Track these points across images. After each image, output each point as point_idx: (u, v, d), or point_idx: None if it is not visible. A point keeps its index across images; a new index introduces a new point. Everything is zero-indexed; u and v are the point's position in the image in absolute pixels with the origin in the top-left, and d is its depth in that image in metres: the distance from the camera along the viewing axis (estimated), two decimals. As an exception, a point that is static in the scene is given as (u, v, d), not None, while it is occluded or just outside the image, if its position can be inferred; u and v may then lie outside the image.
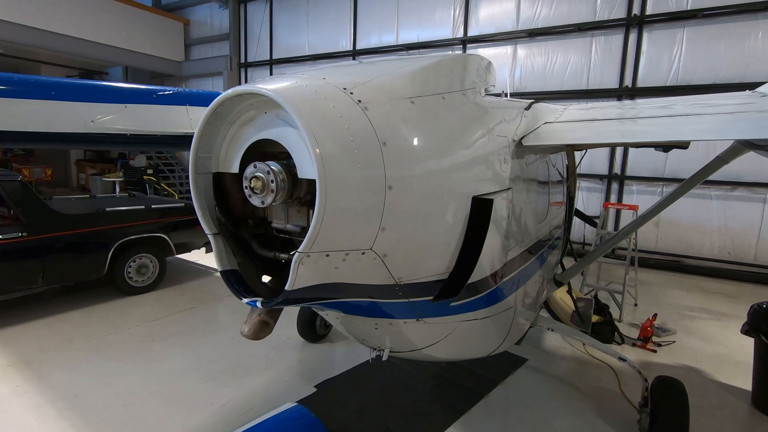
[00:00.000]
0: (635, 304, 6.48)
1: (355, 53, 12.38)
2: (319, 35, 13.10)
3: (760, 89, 2.72)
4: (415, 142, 1.70)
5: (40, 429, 3.37)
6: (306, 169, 1.57)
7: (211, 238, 1.87)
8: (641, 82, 8.86)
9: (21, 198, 5.12)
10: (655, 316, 5.34)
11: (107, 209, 5.97)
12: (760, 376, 3.99)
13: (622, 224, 9.33)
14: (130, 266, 6.18)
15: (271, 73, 14.29)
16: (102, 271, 5.86)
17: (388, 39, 11.83)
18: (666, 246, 8.88)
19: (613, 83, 9.14)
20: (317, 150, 1.43)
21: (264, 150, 1.82)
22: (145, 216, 6.30)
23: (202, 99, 3.88)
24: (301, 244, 1.52)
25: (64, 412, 3.56)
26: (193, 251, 7.18)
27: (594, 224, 6.81)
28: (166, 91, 3.59)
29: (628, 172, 9.21)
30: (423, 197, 1.74)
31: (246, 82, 14.83)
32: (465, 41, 10.67)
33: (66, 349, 4.63)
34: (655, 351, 5.04)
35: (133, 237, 6.08)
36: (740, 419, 3.88)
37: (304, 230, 1.82)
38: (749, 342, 4.14)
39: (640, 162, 9.09)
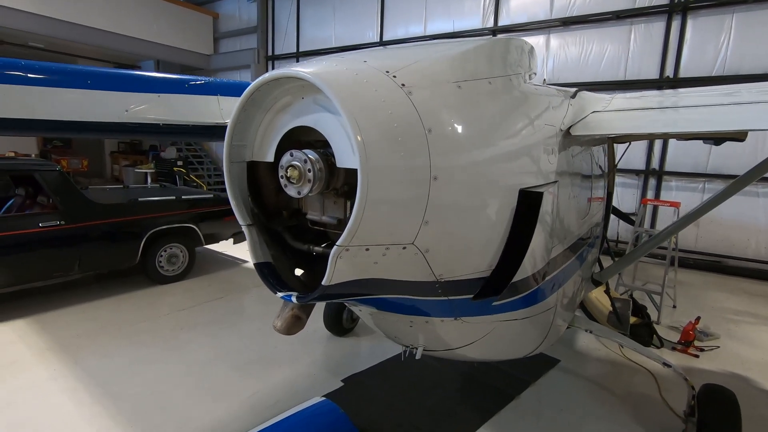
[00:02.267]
0: (674, 306, 6.18)
1: (382, 45, 12.23)
2: (345, 27, 13.00)
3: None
4: (462, 129, 1.58)
5: (75, 413, 3.44)
6: (345, 157, 1.48)
7: (245, 229, 1.81)
8: (684, 73, 8.40)
9: (59, 187, 5.26)
10: (698, 319, 5.06)
11: (140, 199, 6.08)
12: (818, 388, 3.71)
13: (659, 222, 8.93)
14: (161, 255, 6.29)
15: (297, 66, 14.29)
16: (135, 259, 5.99)
17: (416, 30, 11.62)
18: (707, 245, 8.44)
19: (652, 74, 8.70)
20: (359, 137, 1.34)
21: (300, 138, 1.75)
22: (176, 207, 6.40)
23: (232, 89, 3.85)
24: (340, 237, 1.44)
25: (99, 398, 3.63)
26: (220, 242, 7.26)
27: (631, 222, 6.51)
28: (197, 81, 3.58)
29: (667, 167, 8.78)
30: (468, 189, 1.62)
31: (273, 74, 14.90)
32: (495, 31, 10.36)
33: (100, 336, 4.74)
34: (697, 356, 4.77)
35: (164, 227, 6.18)
36: (794, 433, 3.63)
37: (340, 222, 1.74)
38: None
39: (679, 156, 8.64)
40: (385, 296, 1.82)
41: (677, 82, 8.43)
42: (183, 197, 6.59)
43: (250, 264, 7.75)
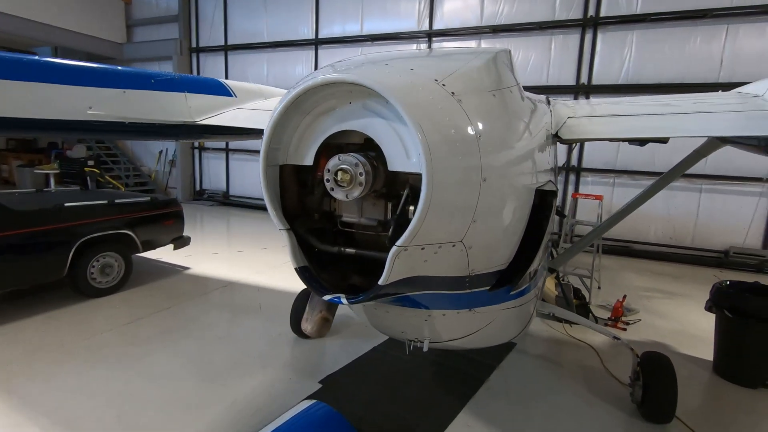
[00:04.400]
0: (599, 288, 6.99)
1: (317, 42, 12.10)
2: (278, 21, 12.63)
3: (745, 90, 3.01)
4: (501, 135, 1.73)
5: (26, 448, 3.04)
6: (398, 161, 1.54)
7: (284, 233, 1.77)
8: (596, 80, 9.46)
9: (-34, 193, 4.53)
10: (624, 297, 5.81)
11: (66, 204, 5.43)
12: (721, 347, 4.48)
13: (579, 213, 9.98)
14: (93, 266, 5.68)
15: (226, 60, 13.58)
16: (62, 272, 5.34)
17: (353, 28, 11.68)
18: (618, 233, 9.59)
19: (570, 80, 9.67)
20: (426, 143, 1.41)
21: (329, 142, 1.76)
22: (108, 212, 5.82)
23: (200, 86, 3.59)
24: (401, 237, 1.50)
25: (51, 429, 3.23)
26: (158, 248, 6.73)
27: (563, 215, 7.23)
28: (163, 76, 3.29)
29: (584, 164, 9.85)
30: (506, 189, 1.77)
31: (198, 68, 14.01)
32: (430, 34, 10.78)
33: (33, 360, 4.19)
34: (625, 329, 5.48)
35: (96, 234, 5.59)
36: (706, 385, 4.35)
37: (379, 223, 1.79)
38: (702, 318, 4.63)
39: (593, 154, 9.75)
40: (420, 292, 1.90)
41: (591, 89, 9.47)
42: (116, 201, 6.01)
43: (193, 270, 7.33)
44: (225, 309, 5.82)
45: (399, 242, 1.51)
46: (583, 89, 9.54)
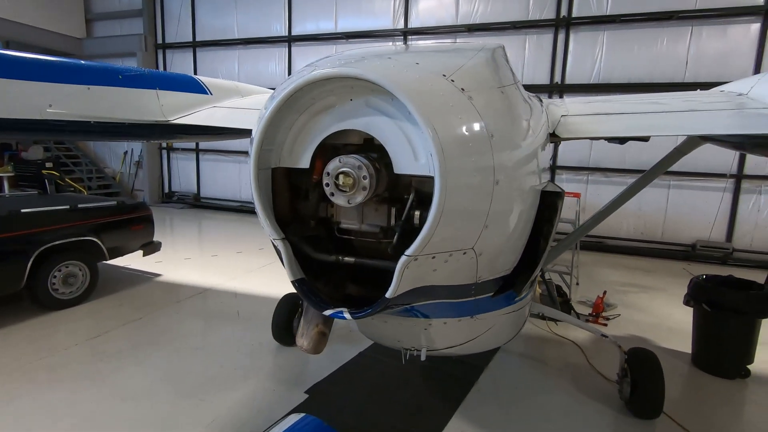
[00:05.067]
0: (577, 284, 7.09)
1: (291, 39, 11.81)
2: (249, 17, 12.25)
3: (727, 88, 3.05)
4: (512, 134, 1.63)
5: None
6: (405, 163, 1.42)
7: (278, 243, 1.62)
8: (569, 79, 9.62)
9: None
10: (604, 293, 5.89)
11: (23, 210, 5.04)
12: (700, 340, 4.59)
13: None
14: (55, 276, 5.30)
15: (194, 57, 13.07)
16: (20, 283, 4.95)
17: (327, 26, 11.46)
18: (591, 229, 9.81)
19: (544, 79, 9.80)
20: (438, 143, 1.29)
21: (324, 142, 1.62)
22: (71, 217, 5.45)
23: (173, 82, 3.33)
24: (411, 246, 1.38)
25: (12, 457, 2.95)
26: (126, 255, 6.36)
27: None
28: (132, 72, 3.02)
29: (558, 162, 10.00)
30: (515, 192, 1.68)
31: (165, 65, 13.45)
32: (406, 32, 10.71)
33: (-11, 381, 3.84)
34: (606, 324, 5.56)
35: (58, 242, 5.22)
36: (686, 377, 4.44)
37: (382, 230, 1.67)
38: (677, 311, 4.72)
39: (567, 152, 9.91)
40: (423, 302, 1.79)
41: (564, 88, 9.62)
42: (79, 206, 5.63)
43: (164, 277, 6.98)
44: (200, 318, 5.55)
45: (409, 251, 1.39)
46: (557, 88, 9.68)
